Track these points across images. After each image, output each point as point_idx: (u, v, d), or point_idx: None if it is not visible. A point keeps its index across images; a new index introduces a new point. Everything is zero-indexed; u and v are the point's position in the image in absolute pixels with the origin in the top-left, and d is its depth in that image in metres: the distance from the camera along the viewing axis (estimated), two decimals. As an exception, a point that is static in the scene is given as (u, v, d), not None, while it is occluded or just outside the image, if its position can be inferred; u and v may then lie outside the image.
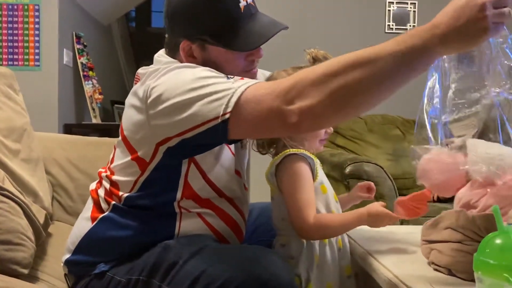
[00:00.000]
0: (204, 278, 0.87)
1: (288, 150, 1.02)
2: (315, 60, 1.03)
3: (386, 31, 3.04)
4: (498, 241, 0.61)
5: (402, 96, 3.00)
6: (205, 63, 1.00)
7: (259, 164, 1.11)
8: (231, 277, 0.86)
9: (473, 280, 0.64)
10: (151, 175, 0.99)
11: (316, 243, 1.03)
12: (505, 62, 0.86)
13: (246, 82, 0.90)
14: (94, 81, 3.19)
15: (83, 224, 1.04)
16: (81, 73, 3.09)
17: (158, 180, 0.99)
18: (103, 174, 1.07)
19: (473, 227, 0.85)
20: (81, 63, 3.11)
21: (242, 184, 1.13)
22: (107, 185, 1.05)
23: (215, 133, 0.89)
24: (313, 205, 0.99)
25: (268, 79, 1.08)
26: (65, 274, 1.07)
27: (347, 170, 1.81)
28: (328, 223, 0.99)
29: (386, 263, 0.93)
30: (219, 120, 0.87)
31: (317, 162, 1.06)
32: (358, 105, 0.84)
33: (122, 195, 1.01)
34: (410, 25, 3.05)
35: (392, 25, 3.04)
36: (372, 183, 1.16)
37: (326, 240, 1.03)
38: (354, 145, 2.40)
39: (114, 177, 1.03)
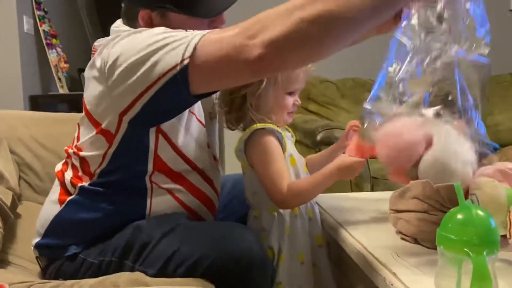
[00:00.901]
0: (177, 257, 0.88)
1: (255, 125, 1.01)
2: None
3: None
4: (459, 216, 0.63)
5: (373, 58, 2.98)
6: None
7: (235, 137, 1.11)
8: (204, 255, 0.87)
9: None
10: (119, 148, 0.97)
11: (287, 214, 1.04)
12: (467, 21, 0.85)
13: (206, 30, 0.88)
14: (59, 49, 3.07)
15: (51, 207, 1.03)
16: (44, 41, 2.96)
17: (127, 152, 0.98)
18: (70, 151, 1.05)
19: (437, 197, 0.87)
20: (43, 30, 2.97)
21: (211, 155, 1.12)
22: (76, 163, 1.02)
23: (176, 86, 0.86)
24: (286, 176, 1.00)
25: None
26: (36, 257, 1.06)
27: (319, 137, 1.82)
28: (301, 188, 1.00)
29: (355, 234, 0.95)
30: (178, 69, 0.84)
31: (286, 135, 1.06)
32: (321, 39, 0.79)
33: (95, 170, 0.99)
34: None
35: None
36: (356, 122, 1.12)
37: (296, 211, 1.05)
38: (327, 111, 2.40)
39: (82, 153, 1.01)
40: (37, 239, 1.03)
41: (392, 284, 0.73)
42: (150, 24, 0.98)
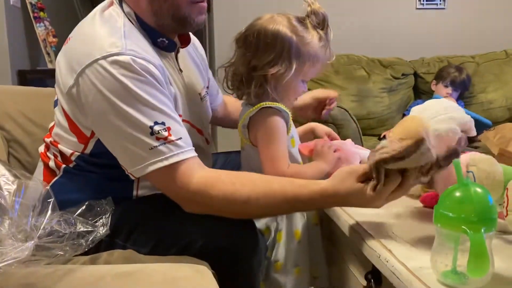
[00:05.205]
0: (168, 238, 0.87)
1: (264, 103, 0.99)
2: (313, 13, 0.99)
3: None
4: (457, 194, 0.62)
5: (367, 35, 2.94)
6: None
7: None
8: (196, 237, 0.86)
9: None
10: (94, 149, 0.95)
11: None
12: None
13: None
14: (47, 23, 2.99)
15: None
16: (31, 14, 2.88)
17: (104, 151, 0.93)
18: (47, 140, 1.04)
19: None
20: (30, 3, 2.89)
21: (205, 139, 1.11)
22: (56, 152, 1.01)
23: None
24: (287, 157, 1.01)
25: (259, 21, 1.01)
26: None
27: (313, 114, 1.80)
28: (302, 174, 1.00)
29: (349, 211, 0.95)
30: None
31: (290, 115, 1.05)
32: None
33: (74, 160, 0.98)
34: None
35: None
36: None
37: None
38: (320, 88, 2.38)
39: (60, 146, 0.99)
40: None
41: (387, 261, 0.73)
42: None
